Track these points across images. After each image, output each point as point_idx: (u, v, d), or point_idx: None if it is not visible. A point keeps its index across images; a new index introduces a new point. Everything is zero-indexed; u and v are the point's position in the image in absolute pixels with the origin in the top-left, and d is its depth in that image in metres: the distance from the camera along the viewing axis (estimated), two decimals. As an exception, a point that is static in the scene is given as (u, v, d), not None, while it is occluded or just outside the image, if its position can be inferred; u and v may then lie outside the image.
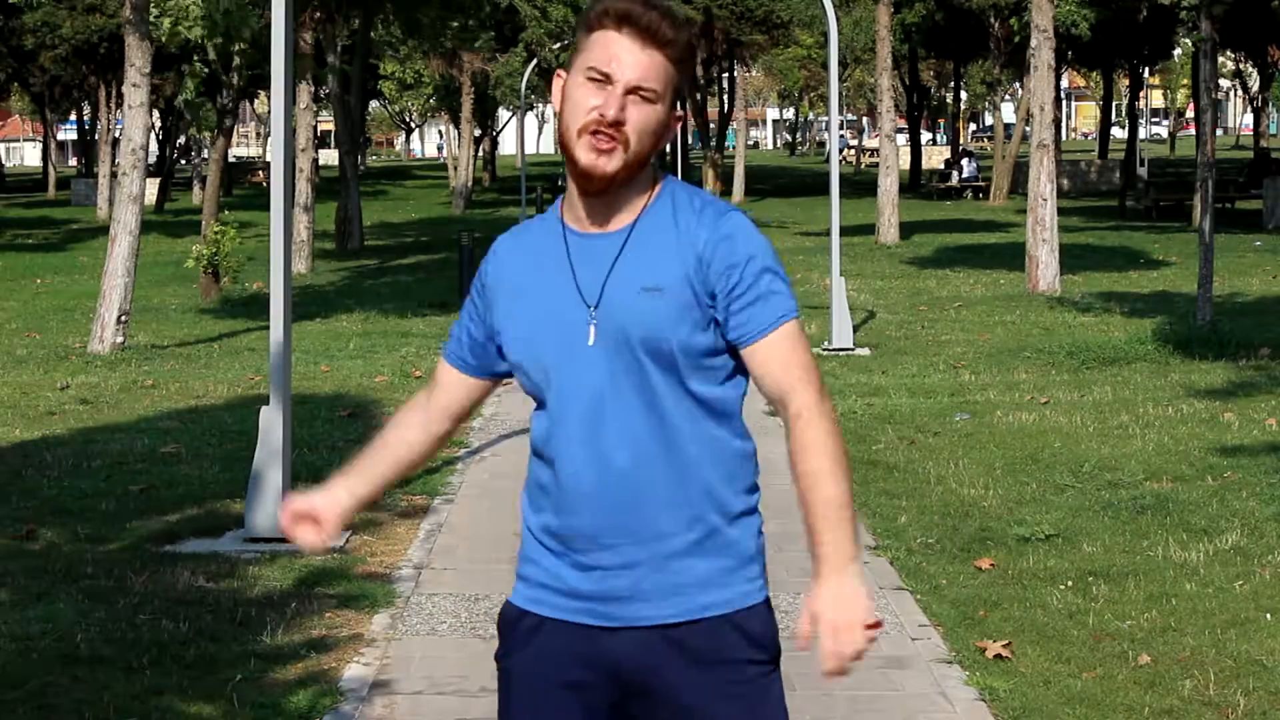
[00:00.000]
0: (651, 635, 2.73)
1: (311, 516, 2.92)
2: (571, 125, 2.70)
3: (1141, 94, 57.99)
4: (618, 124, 2.67)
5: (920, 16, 42.80)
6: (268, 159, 45.54)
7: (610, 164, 2.68)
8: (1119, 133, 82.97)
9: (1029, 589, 7.00)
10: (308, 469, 9.77)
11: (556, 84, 2.78)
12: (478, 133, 57.58)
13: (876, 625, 2.61)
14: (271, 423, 8.13)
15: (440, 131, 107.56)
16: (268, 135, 61.24)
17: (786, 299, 2.71)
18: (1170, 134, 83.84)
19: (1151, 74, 63.31)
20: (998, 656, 6.05)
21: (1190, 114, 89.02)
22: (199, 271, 21.41)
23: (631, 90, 2.68)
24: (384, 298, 21.35)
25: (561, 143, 2.74)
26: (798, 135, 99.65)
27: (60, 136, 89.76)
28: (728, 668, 2.73)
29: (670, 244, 2.72)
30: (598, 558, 2.76)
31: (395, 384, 13.57)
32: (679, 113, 2.81)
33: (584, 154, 2.69)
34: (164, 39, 18.42)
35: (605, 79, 2.69)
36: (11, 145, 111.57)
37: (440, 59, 47.73)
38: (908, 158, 55.11)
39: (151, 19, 17.09)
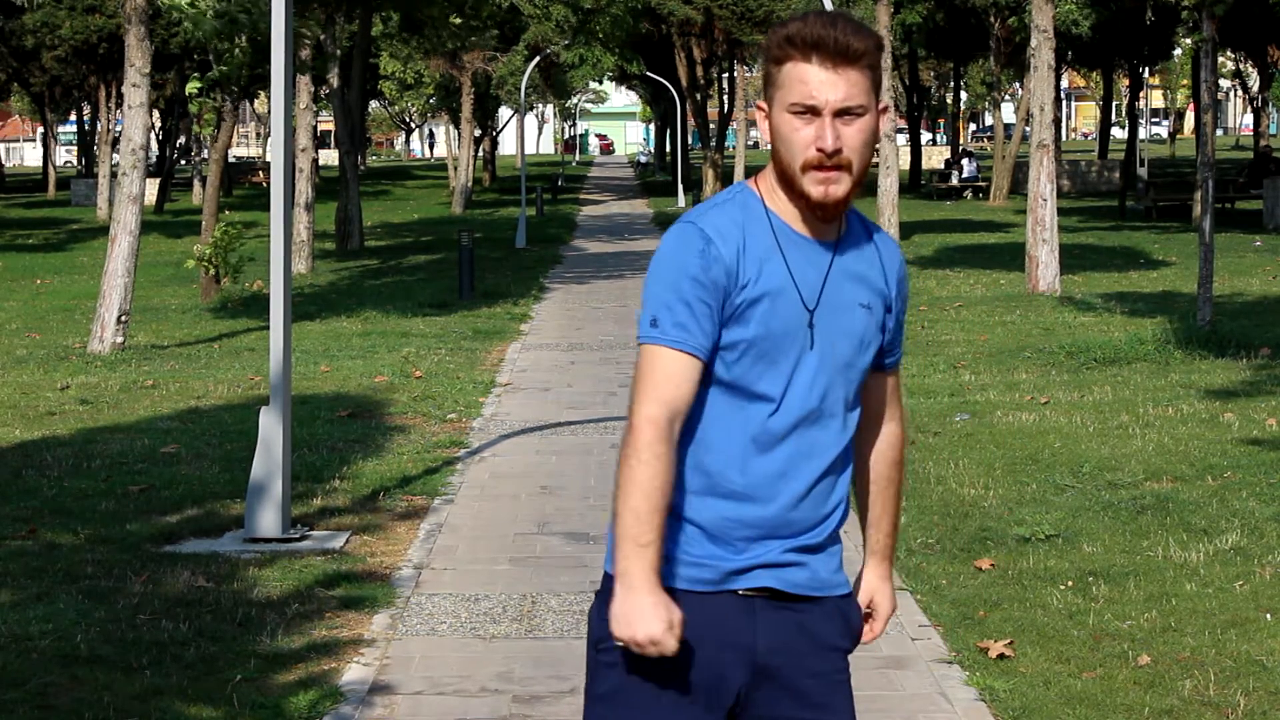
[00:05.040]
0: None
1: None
2: (793, 163, 2.80)
3: (1141, 94, 57.98)
4: (836, 151, 2.77)
5: (920, 16, 42.77)
6: (268, 159, 45.54)
7: (840, 190, 2.80)
8: (1119, 133, 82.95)
9: (1029, 589, 7.00)
10: (308, 469, 9.78)
11: (759, 117, 2.88)
12: (478, 133, 57.57)
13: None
14: (271, 423, 8.13)
15: (431, 131, 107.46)
16: (268, 135, 61.25)
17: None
18: (1170, 134, 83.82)
19: (1151, 74, 63.29)
20: (1000, 656, 6.05)
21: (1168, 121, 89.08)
22: (199, 272, 21.41)
23: (839, 113, 2.77)
24: (384, 298, 21.34)
25: (783, 178, 2.83)
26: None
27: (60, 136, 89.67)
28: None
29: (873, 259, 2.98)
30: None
31: (395, 384, 13.57)
32: (883, 104, 2.87)
33: (814, 188, 2.80)
34: (177, 14, 18.32)
35: (811, 111, 2.77)
36: (11, 145, 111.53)
37: (441, 59, 47.71)
38: (908, 158, 55.10)
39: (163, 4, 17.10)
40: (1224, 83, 75.90)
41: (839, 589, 2.97)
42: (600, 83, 71.11)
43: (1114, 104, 66.36)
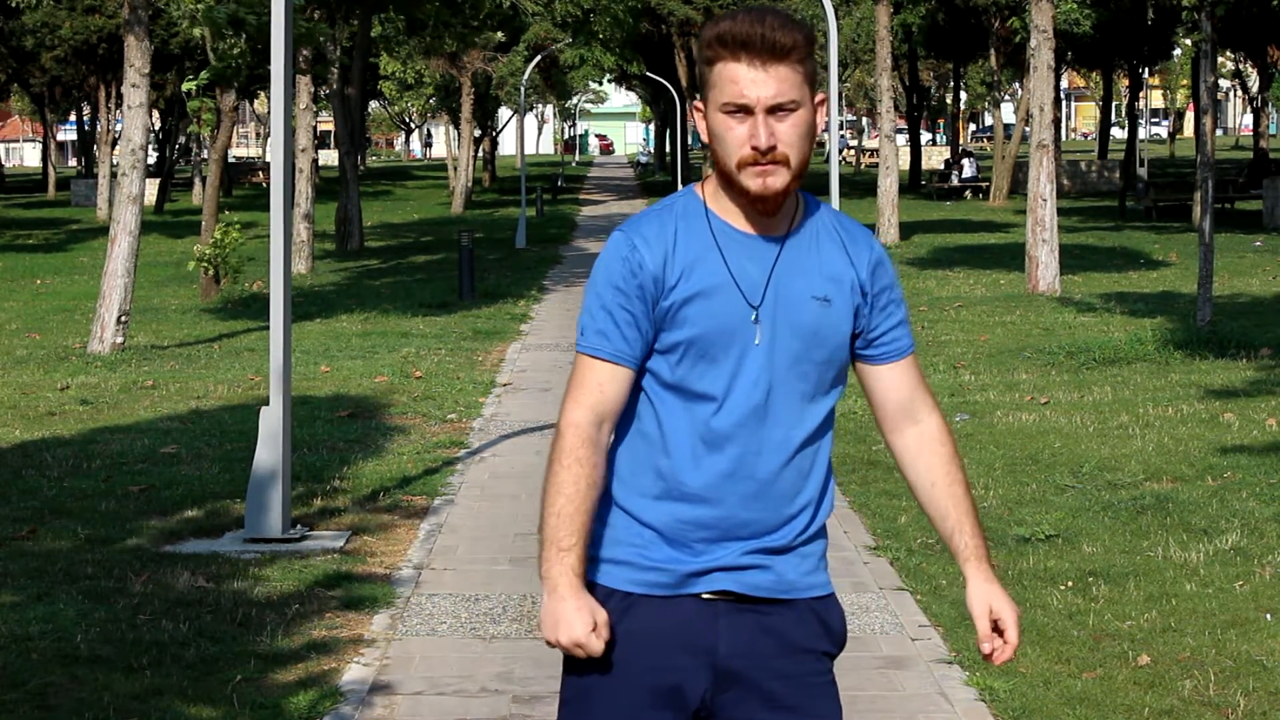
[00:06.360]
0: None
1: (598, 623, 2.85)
2: (729, 161, 2.81)
3: (1141, 94, 57.98)
4: (771, 149, 2.77)
5: (920, 16, 42.78)
6: (268, 159, 45.55)
7: (778, 181, 2.80)
8: (1119, 133, 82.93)
9: (1029, 589, 7.00)
10: (308, 469, 9.78)
11: (698, 118, 2.89)
12: (477, 133, 57.57)
13: None
14: (271, 423, 8.12)
15: (429, 132, 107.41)
16: (268, 135, 61.25)
17: None
18: (1170, 134, 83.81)
19: (1151, 74, 63.30)
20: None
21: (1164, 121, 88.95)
22: (199, 272, 21.42)
23: (772, 110, 2.77)
24: (384, 298, 21.35)
25: (722, 175, 2.85)
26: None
27: (60, 137, 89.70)
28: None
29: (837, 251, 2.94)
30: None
31: (395, 384, 13.57)
32: (820, 96, 2.86)
33: (751, 182, 2.80)
34: (182, 22, 18.31)
35: (743, 110, 2.77)
36: (11, 146, 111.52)
37: (441, 59, 47.72)
38: (908, 158, 55.10)
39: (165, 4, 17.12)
40: (1224, 83, 75.89)
41: (813, 591, 2.93)
42: (600, 83, 71.11)
43: (1114, 104, 66.36)
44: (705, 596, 2.86)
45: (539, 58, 42.86)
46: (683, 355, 2.84)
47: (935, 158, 67.31)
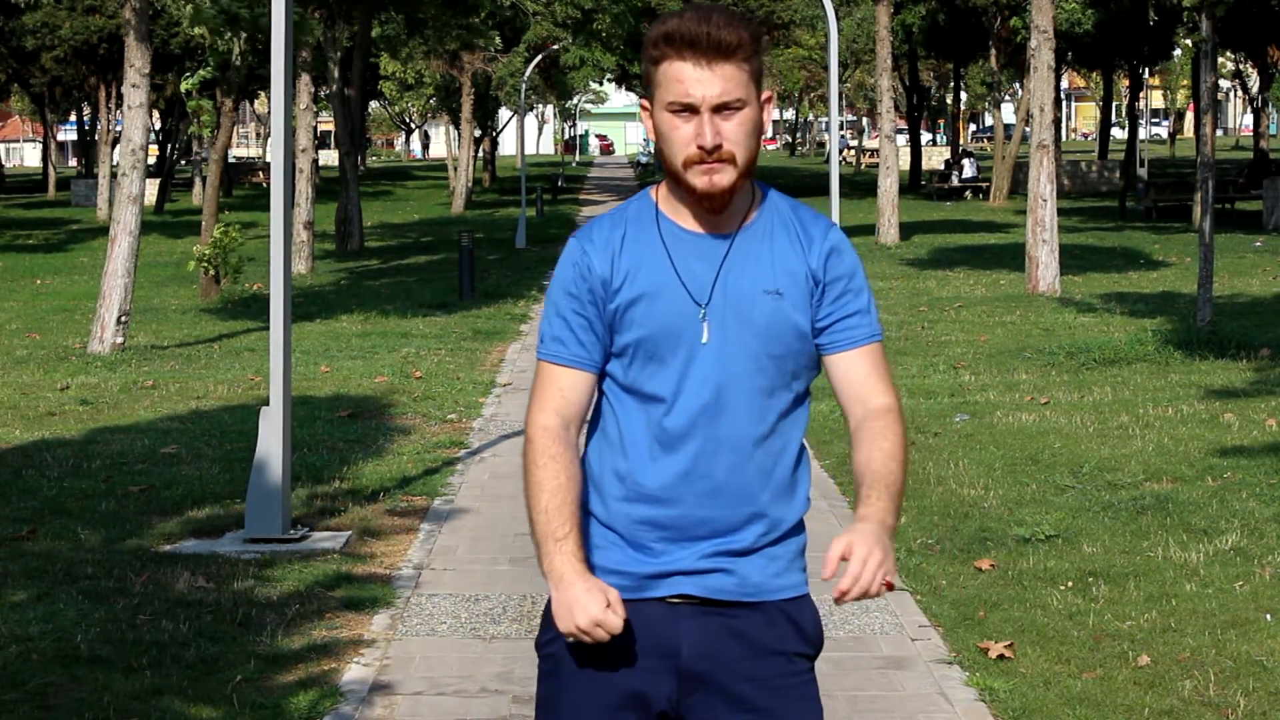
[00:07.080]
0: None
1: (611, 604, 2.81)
2: (675, 160, 2.82)
3: (1141, 94, 57.97)
4: (717, 147, 2.77)
5: (920, 16, 42.80)
6: (268, 159, 45.55)
7: (724, 179, 2.80)
8: (1119, 133, 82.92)
9: (1029, 589, 7.00)
10: (308, 469, 9.77)
11: (644, 116, 2.89)
12: (478, 133, 57.57)
13: (890, 586, 2.72)
14: (271, 423, 8.12)
15: (427, 133, 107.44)
16: (268, 135, 61.24)
17: None
18: (1170, 134, 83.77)
19: (1151, 74, 63.28)
20: (1000, 657, 6.05)
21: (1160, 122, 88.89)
22: (199, 272, 21.43)
23: (718, 109, 2.77)
24: (384, 298, 21.35)
25: (669, 173, 2.86)
26: (798, 135, 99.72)
27: (60, 137, 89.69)
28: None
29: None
30: None
31: (395, 384, 13.57)
32: (766, 94, 2.85)
33: (698, 180, 2.81)
34: (185, 24, 18.32)
35: (689, 109, 2.77)
36: (11, 146, 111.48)
37: (441, 59, 47.74)
38: (908, 158, 55.10)
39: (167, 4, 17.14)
40: (1224, 83, 75.89)
41: (783, 593, 2.90)
42: (600, 83, 71.11)
43: (1114, 104, 66.36)
44: (670, 600, 2.86)
45: (539, 58, 42.88)
46: (633, 357, 2.86)
47: (935, 158, 67.28)
